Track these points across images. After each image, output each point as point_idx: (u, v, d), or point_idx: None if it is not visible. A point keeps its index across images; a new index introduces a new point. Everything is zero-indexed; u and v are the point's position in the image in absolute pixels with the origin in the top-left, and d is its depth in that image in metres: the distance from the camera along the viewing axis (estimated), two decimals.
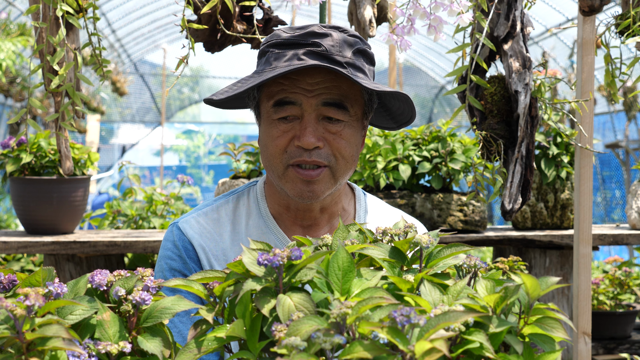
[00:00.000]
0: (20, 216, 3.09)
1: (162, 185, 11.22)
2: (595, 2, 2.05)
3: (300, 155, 1.48)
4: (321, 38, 1.47)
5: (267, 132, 1.51)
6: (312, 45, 1.46)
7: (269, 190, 1.62)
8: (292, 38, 1.48)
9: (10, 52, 6.03)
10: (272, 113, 1.50)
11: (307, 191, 1.50)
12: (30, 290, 0.88)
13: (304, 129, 1.47)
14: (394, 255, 1.04)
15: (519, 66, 1.97)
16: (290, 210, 1.60)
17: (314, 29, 1.48)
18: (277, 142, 1.49)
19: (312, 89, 1.47)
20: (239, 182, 3.02)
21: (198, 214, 1.61)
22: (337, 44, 1.48)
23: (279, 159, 1.50)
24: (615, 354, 3.50)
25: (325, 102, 1.48)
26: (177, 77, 1.84)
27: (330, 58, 1.46)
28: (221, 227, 1.59)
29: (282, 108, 1.48)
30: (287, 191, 1.52)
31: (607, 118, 12.48)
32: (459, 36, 1.93)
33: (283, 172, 1.51)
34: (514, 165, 1.99)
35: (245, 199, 1.64)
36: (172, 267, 1.56)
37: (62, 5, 1.83)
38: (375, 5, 2.14)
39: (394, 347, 0.82)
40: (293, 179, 1.50)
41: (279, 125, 1.49)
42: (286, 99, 1.48)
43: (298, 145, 1.48)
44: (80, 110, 1.95)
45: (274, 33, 1.52)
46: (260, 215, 1.61)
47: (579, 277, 2.28)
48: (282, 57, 1.47)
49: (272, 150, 1.50)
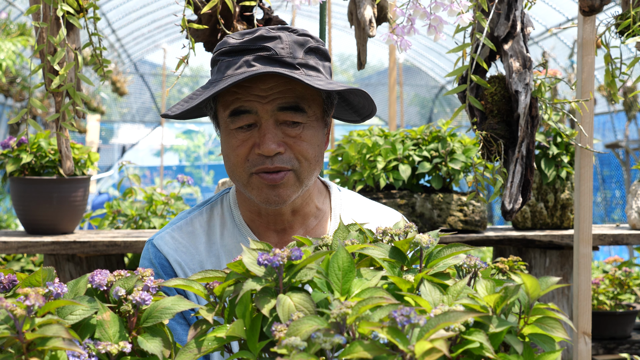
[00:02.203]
0: (20, 216, 3.09)
1: (162, 185, 11.23)
2: (595, 2, 2.05)
3: (263, 162, 1.46)
4: (270, 42, 1.45)
5: (227, 142, 1.50)
6: (261, 49, 1.44)
7: (240, 198, 1.61)
8: (241, 44, 1.46)
9: (10, 52, 6.03)
10: (229, 123, 1.48)
11: (274, 195, 1.49)
12: (30, 290, 0.88)
13: (262, 136, 1.46)
14: (394, 255, 1.04)
15: (519, 66, 1.98)
16: (262, 216, 1.58)
17: (262, 33, 1.46)
18: (237, 151, 1.48)
19: (266, 95, 1.45)
20: None
21: (172, 228, 1.60)
22: (287, 46, 1.46)
23: (241, 168, 1.49)
24: (615, 354, 3.50)
25: (280, 107, 1.46)
26: (177, 77, 1.84)
27: (280, 61, 1.45)
28: (196, 240, 1.58)
29: (239, 117, 1.46)
30: (254, 198, 1.51)
31: (607, 118, 12.48)
32: (459, 36, 1.93)
33: (247, 180, 1.49)
34: (514, 165, 1.99)
35: (219, 207, 1.63)
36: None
37: (62, 5, 1.83)
38: (375, 5, 2.14)
39: (394, 347, 0.82)
40: (258, 186, 1.49)
41: (238, 134, 1.48)
42: (241, 108, 1.46)
43: (259, 153, 1.46)
44: (80, 110, 1.95)
45: (223, 40, 1.50)
46: (235, 223, 1.60)
47: (579, 277, 2.28)
48: (232, 64, 1.45)
49: (233, 160, 1.49)
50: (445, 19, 1.92)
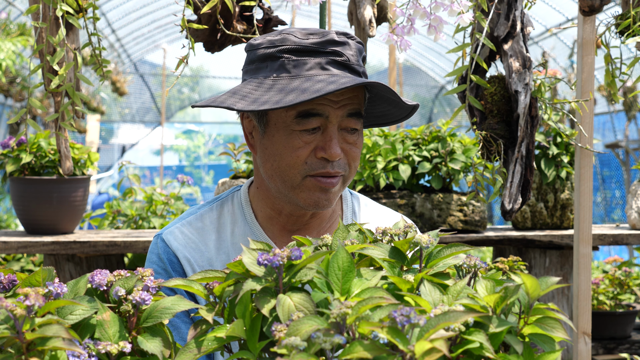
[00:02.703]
0: (20, 216, 3.09)
1: (162, 185, 11.23)
2: (595, 2, 2.05)
3: (324, 167, 1.45)
4: (341, 47, 1.45)
5: (286, 142, 1.46)
6: (333, 54, 1.44)
7: (261, 195, 1.58)
8: (310, 45, 1.44)
9: (10, 52, 6.03)
10: (293, 124, 1.44)
11: (324, 199, 1.48)
12: (30, 290, 0.88)
13: (329, 140, 1.44)
14: (394, 255, 1.04)
15: (519, 66, 1.98)
16: (282, 215, 1.57)
17: (332, 37, 1.44)
18: (298, 153, 1.45)
19: (338, 100, 1.44)
20: (239, 182, 3.02)
21: (182, 223, 1.58)
22: (355, 54, 1.47)
23: (296, 170, 1.46)
24: (615, 354, 3.50)
25: (349, 113, 1.46)
26: (177, 77, 1.84)
27: (351, 68, 1.45)
28: (206, 236, 1.57)
29: (308, 120, 1.43)
30: (299, 201, 1.49)
31: (607, 118, 12.48)
32: (459, 36, 1.93)
33: (300, 182, 1.47)
34: (514, 165, 1.99)
35: (229, 205, 1.61)
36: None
37: (62, 5, 1.83)
38: (375, 5, 2.14)
39: (394, 347, 0.82)
40: (311, 188, 1.47)
41: (302, 136, 1.44)
42: (313, 111, 1.43)
43: (322, 157, 1.45)
44: (80, 110, 1.95)
45: (283, 37, 1.46)
46: (246, 222, 1.58)
47: (579, 277, 2.28)
48: (302, 65, 1.43)
49: (290, 160, 1.46)
50: (445, 19, 1.92)
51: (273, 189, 1.52)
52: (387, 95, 1.51)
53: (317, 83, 1.38)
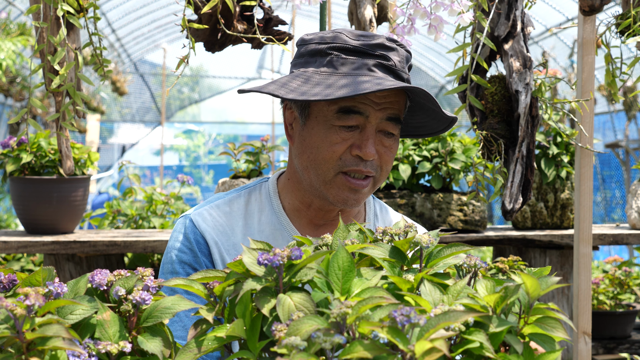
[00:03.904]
0: (20, 216, 3.09)
1: (162, 184, 11.22)
2: (595, 1, 2.05)
3: (357, 165, 1.48)
4: (389, 52, 1.48)
5: (324, 136, 1.49)
6: (381, 57, 1.47)
7: (291, 187, 1.61)
8: (360, 46, 1.47)
9: (10, 51, 6.03)
10: (334, 119, 1.48)
11: (353, 199, 1.51)
12: (30, 289, 0.88)
13: (366, 140, 1.47)
14: (394, 255, 1.04)
15: (520, 66, 1.98)
16: (311, 208, 1.59)
17: (382, 42, 1.48)
18: (334, 148, 1.48)
19: (380, 102, 1.47)
20: (239, 181, 3.02)
21: (210, 206, 1.60)
22: (402, 60, 1.50)
23: (330, 165, 1.49)
24: (615, 353, 3.50)
25: (389, 117, 1.49)
26: (177, 77, 1.84)
27: (396, 73, 1.48)
28: (233, 221, 1.59)
29: (349, 116, 1.47)
30: (328, 196, 1.52)
31: (607, 118, 12.48)
32: (459, 36, 1.93)
33: (332, 177, 1.50)
34: (515, 164, 1.99)
35: (257, 194, 1.63)
36: (182, 260, 1.55)
37: (62, 5, 1.83)
38: (375, 5, 2.14)
39: (394, 346, 0.82)
40: (340, 186, 1.50)
41: (340, 132, 1.48)
42: (354, 108, 1.47)
43: (357, 155, 1.48)
44: (80, 110, 1.95)
45: (336, 36, 1.50)
46: (273, 211, 1.61)
47: (579, 277, 2.28)
48: (349, 63, 1.47)
49: (326, 155, 1.49)
50: (445, 19, 1.92)
51: (305, 181, 1.55)
52: (428, 105, 1.53)
53: (363, 83, 1.42)
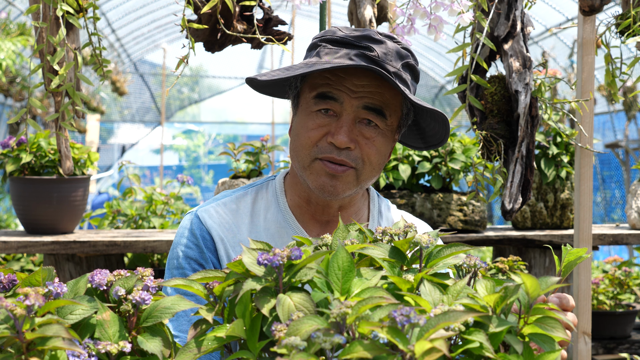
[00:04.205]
0: (20, 216, 3.09)
1: (162, 185, 11.22)
2: (595, 1, 2.05)
3: (330, 152, 1.50)
4: (375, 43, 1.49)
5: (303, 122, 1.52)
6: (365, 48, 1.48)
7: (292, 182, 1.63)
8: (347, 38, 1.49)
9: (10, 51, 6.03)
10: (312, 104, 1.51)
11: (330, 185, 1.52)
12: (30, 289, 0.88)
13: (339, 127, 1.49)
14: (394, 255, 1.04)
15: (519, 66, 1.97)
16: (311, 204, 1.61)
17: (370, 34, 1.50)
18: (310, 133, 1.51)
19: (357, 90, 1.48)
20: (239, 181, 3.02)
21: (217, 204, 1.62)
22: (390, 53, 1.50)
23: (307, 151, 1.51)
24: (615, 353, 3.50)
25: (366, 106, 1.49)
26: (177, 77, 1.84)
27: (380, 64, 1.48)
28: (239, 219, 1.60)
29: (324, 101, 1.49)
30: (309, 182, 1.54)
31: (607, 118, 12.48)
32: (459, 36, 1.93)
33: (309, 163, 1.52)
34: (514, 165, 1.99)
35: (264, 191, 1.65)
36: (189, 256, 1.56)
37: (62, 5, 1.83)
38: (375, 5, 2.14)
39: (394, 346, 0.82)
40: (318, 171, 1.52)
41: (316, 118, 1.50)
42: (329, 94, 1.49)
43: (330, 142, 1.49)
44: (80, 110, 1.95)
45: (330, 29, 1.54)
46: (279, 209, 1.62)
47: (579, 277, 2.28)
48: (333, 53, 1.49)
49: (303, 140, 1.52)
50: (445, 19, 1.92)
51: (297, 172, 1.58)
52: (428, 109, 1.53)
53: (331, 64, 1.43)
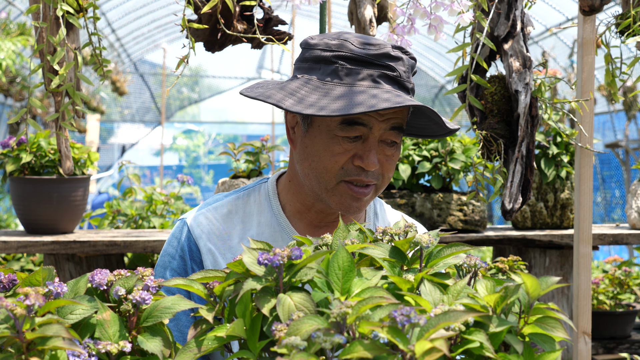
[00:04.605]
0: (20, 216, 3.09)
1: (162, 184, 11.22)
2: (595, 1, 2.05)
3: (358, 174, 1.48)
4: (395, 62, 1.48)
5: (326, 145, 1.49)
6: (386, 68, 1.47)
7: (293, 189, 1.60)
8: (365, 56, 1.47)
9: (10, 51, 6.03)
10: (337, 129, 1.47)
11: (355, 207, 1.51)
12: (30, 289, 0.88)
13: (368, 151, 1.47)
14: (394, 255, 1.04)
15: (519, 66, 1.98)
16: (312, 211, 1.59)
17: (388, 51, 1.47)
18: (337, 158, 1.48)
19: (384, 114, 1.47)
20: (239, 181, 3.02)
21: (208, 209, 1.60)
22: (407, 70, 1.50)
23: (332, 174, 1.49)
24: (615, 353, 3.50)
25: (392, 127, 1.49)
26: (177, 76, 1.84)
27: (401, 84, 1.48)
28: (230, 225, 1.59)
29: (352, 127, 1.46)
30: (330, 203, 1.52)
31: (607, 118, 12.48)
32: (459, 36, 1.93)
33: (334, 186, 1.50)
34: (514, 164, 1.99)
35: (256, 195, 1.63)
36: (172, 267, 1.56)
37: (62, 5, 1.83)
38: (375, 5, 2.14)
39: (394, 346, 0.82)
40: (343, 194, 1.50)
41: (343, 143, 1.48)
42: (358, 120, 1.46)
43: (358, 165, 1.48)
44: (80, 110, 1.95)
45: (341, 44, 1.49)
46: (273, 213, 1.60)
47: (579, 276, 2.28)
48: (354, 74, 1.46)
49: (327, 164, 1.49)
50: (445, 19, 1.92)
51: (307, 186, 1.55)
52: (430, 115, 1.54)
53: (371, 98, 1.41)
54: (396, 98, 1.41)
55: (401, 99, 1.41)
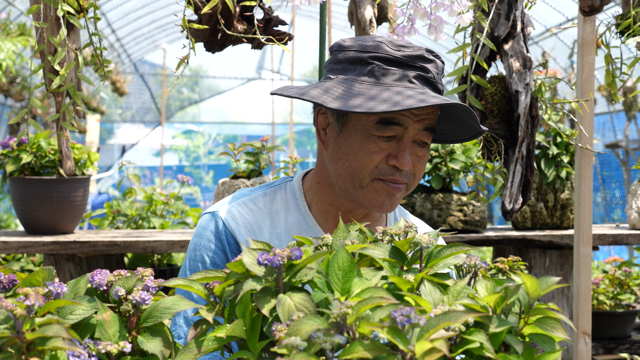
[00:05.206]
0: (20, 216, 3.09)
1: (162, 185, 11.22)
2: (595, 2, 2.05)
3: (393, 174, 1.50)
4: (428, 63, 1.50)
5: (362, 144, 1.50)
6: (420, 69, 1.49)
7: (321, 190, 1.61)
8: (401, 57, 1.48)
9: (10, 52, 6.03)
10: (373, 129, 1.48)
11: (388, 203, 1.53)
12: (30, 290, 0.88)
13: (403, 150, 1.49)
14: (394, 255, 1.04)
15: (520, 66, 1.98)
16: (339, 210, 1.60)
17: (423, 53, 1.50)
18: (372, 156, 1.49)
19: (419, 114, 1.49)
20: (239, 182, 3.02)
21: (238, 203, 1.60)
22: (440, 72, 1.52)
23: (366, 172, 1.50)
24: (615, 354, 3.50)
25: (425, 127, 1.51)
26: (177, 77, 1.84)
27: (434, 85, 1.50)
28: (260, 219, 1.59)
29: (388, 127, 1.48)
30: (363, 201, 1.53)
31: (607, 118, 12.47)
32: (459, 36, 1.93)
33: (368, 183, 1.51)
34: (515, 165, 1.99)
35: (282, 193, 1.63)
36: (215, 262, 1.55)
37: (63, 6, 1.83)
38: (375, 5, 2.14)
39: (394, 347, 0.82)
40: (378, 190, 1.51)
41: (379, 142, 1.49)
42: (395, 120, 1.48)
43: (393, 165, 1.50)
44: (81, 110, 1.95)
45: (376, 45, 1.51)
46: (300, 211, 1.61)
47: (579, 277, 2.28)
48: (390, 74, 1.48)
49: (363, 162, 1.50)
50: (445, 19, 1.92)
51: (339, 186, 1.56)
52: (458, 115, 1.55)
53: (408, 98, 1.42)
54: (433, 99, 1.43)
55: (441, 98, 1.43)
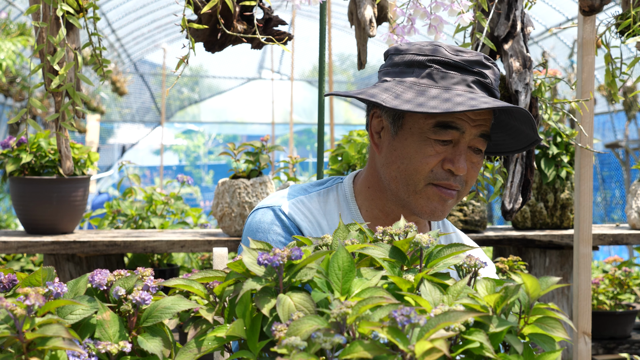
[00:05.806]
0: (20, 216, 3.09)
1: (162, 185, 11.22)
2: (595, 2, 2.05)
3: (447, 179, 1.49)
4: (486, 69, 1.50)
5: (418, 148, 1.49)
6: (479, 74, 1.48)
7: (372, 195, 1.60)
8: (460, 62, 1.48)
9: (10, 52, 6.03)
10: (430, 132, 1.48)
11: (440, 210, 1.52)
12: (30, 289, 0.88)
13: (459, 155, 1.48)
14: (394, 255, 1.04)
15: (520, 66, 1.98)
16: (389, 217, 1.59)
17: (481, 59, 1.49)
18: (428, 160, 1.49)
19: (476, 119, 1.48)
20: (239, 182, 3.02)
21: (297, 200, 1.59)
22: (497, 79, 1.52)
23: (421, 176, 1.49)
24: (615, 353, 3.50)
25: (481, 134, 1.50)
26: (177, 77, 1.84)
27: (491, 91, 1.50)
28: (319, 217, 1.58)
29: (445, 131, 1.47)
30: (415, 207, 1.52)
31: (607, 118, 12.47)
32: (459, 36, 1.93)
33: (422, 187, 1.50)
34: (515, 164, 1.99)
35: (335, 194, 1.63)
36: None
37: (62, 5, 1.83)
38: (375, 5, 2.14)
39: (394, 346, 0.82)
40: (431, 196, 1.50)
41: (436, 145, 1.48)
42: (452, 124, 1.47)
43: (448, 169, 1.49)
44: (80, 110, 1.95)
45: (434, 48, 1.51)
46: (352, 214, 1.60)
47: (579, 277, 2.28)
48: (448, 77, 1.47)
49: (418, 166, 1.49)
50: (445, 19, 1.92)
51: (391, 191, 1.55)
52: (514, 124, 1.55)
53: (470, 100, 1.42)
54: (495, 102, 1.42)
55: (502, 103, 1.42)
